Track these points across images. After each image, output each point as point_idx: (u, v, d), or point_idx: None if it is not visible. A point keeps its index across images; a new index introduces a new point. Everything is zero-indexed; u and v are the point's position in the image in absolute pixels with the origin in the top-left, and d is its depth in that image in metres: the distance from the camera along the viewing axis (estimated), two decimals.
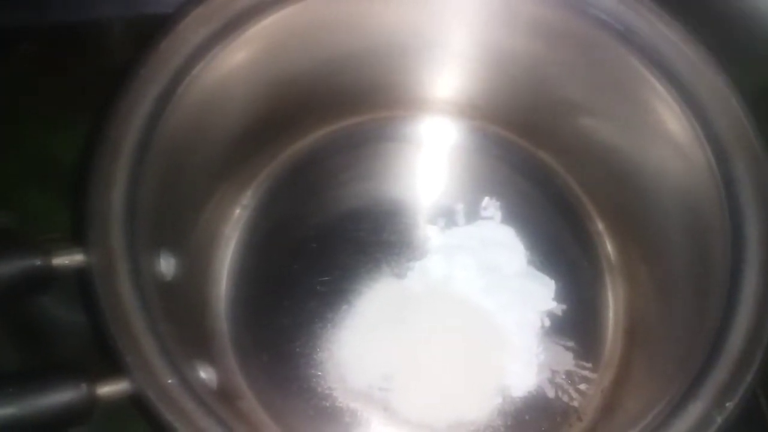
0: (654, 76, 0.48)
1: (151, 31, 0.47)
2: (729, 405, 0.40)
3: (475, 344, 0.53)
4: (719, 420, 0.40)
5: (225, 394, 0.49)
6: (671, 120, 0.48)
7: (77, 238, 0.42)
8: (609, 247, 0.57)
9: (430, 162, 0.60)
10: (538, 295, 0.55)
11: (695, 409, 0.40)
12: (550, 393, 0.52)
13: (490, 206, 0.58)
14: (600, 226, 0.58)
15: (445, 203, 0.58)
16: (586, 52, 0.51)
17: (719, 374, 0.41)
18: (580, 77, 0.53)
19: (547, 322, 0.54)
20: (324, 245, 0.56)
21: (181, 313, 0.48)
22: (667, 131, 0.49)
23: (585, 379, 0.53)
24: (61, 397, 0.38)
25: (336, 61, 0.54)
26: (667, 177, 0.51)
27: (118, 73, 0.46)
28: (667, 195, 0.51)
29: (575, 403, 0.52)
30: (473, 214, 0.57)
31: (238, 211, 0.56)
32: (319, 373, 0.52)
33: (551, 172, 0.59)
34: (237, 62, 0.49)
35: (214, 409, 0.39)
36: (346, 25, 0.53)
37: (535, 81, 0.55)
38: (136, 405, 0.39)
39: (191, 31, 0.47)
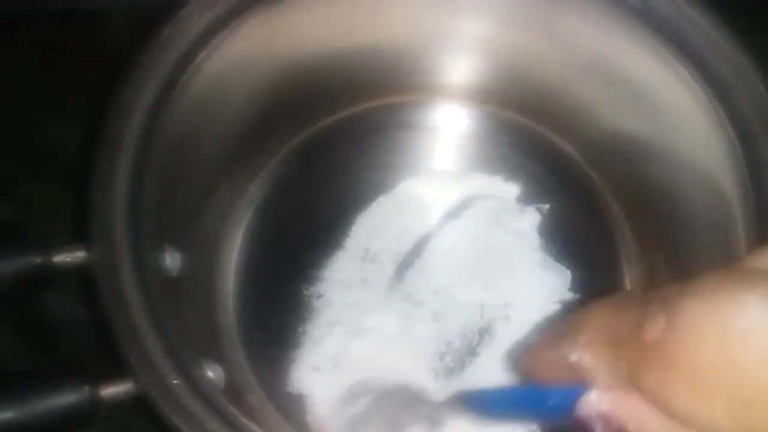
0: (675, 56, 0.47)
1: (152, 19, 0.45)
2: None
3: (488, 335, 0.52)
4: None
5: (233, 389, 0.48)
6: (693, 102, 0.47)
7: (79, 234, 0.40)
8: (626, 235, 0.56)
9: (443, 148, 0.59)
10: (554, 285, 0.54)
11: None
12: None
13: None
14: (617, 214, 0.56)
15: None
16: (605, 33, 0.49)
17: None
18: (598, 59, 0.51)
19: (563, 313, 0.53)
20: (335, 236, 0.55)
21: (188, 309, 0.47)
22: (689, 114, 0.47)
23: None
24: (63, 399, 0.37)
25: (344, 46, 0.53)
26: (687, 162, 0.49)
27: (119, 61, 0.44)
28: (688, 182, 0.50)
29: None
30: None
31: (245, 202, 0.55)
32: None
33: (567, 159, 0.57)
34: (242, 49, 0.48)
35: (222, 410, 0.38)
36: (354, 8, 0.51)
37: (550, 64, 0.53)
38: (141, 406, 0.38)
39: (194, 17, 0.45)
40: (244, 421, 0.39)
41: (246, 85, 0.50)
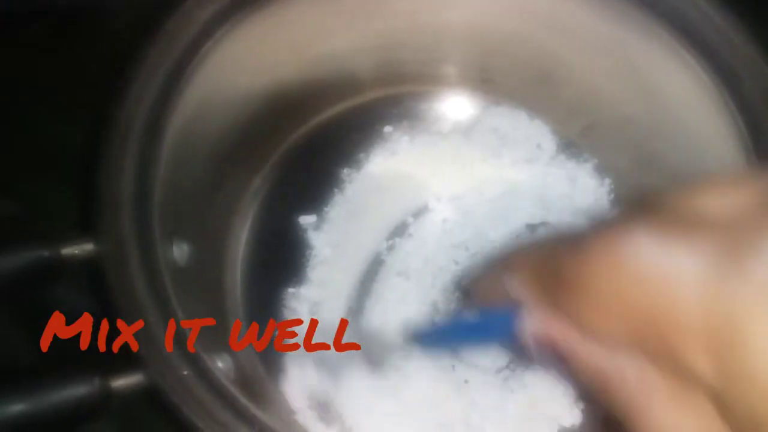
0: (683, 45, 0.46)
1: (156, 13, 0.45)
2: None
3: None
4: None
5: (243, 380, 0.48)
6: (701, 92, 0.46)
7: (86, 226, 0.40)
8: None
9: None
10: None
11: None
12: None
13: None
14: (619, 207, 0.55)
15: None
16: (608, 20, 0.49)
17: None
18: (601, 48, 0.51)
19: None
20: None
21: (197, 299, 0.47)
22: (696, 104, 0.47)
23: None
24: (73, 391, 0.37)
25: (348, 37, 0.53)
26: (695, 154, 0.49)
27: (123, 56, 0.44)
28: (691, 172, 0.49)
29: None
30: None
31: (252, 193, 0.55)
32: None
33: (571, 149, 0.56)
34: (245, 41, 0.48)
35: (232, 400, 0.38)
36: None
37: (552, 53, 0.53)
38: (152, 398, 0.38)
39: (199, 7, 0.45)
40: (255, 411, 0.39)
41: (249, 77, 0.50)
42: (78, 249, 0.40)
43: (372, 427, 0.49)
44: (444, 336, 0.43)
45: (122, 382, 0.38)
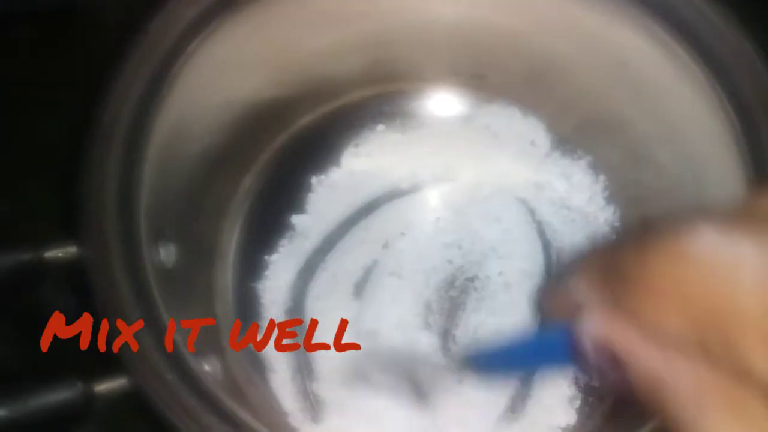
0: (674, 38, 0.46)
1: (144, 13, 0.45)
2: None
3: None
4: None
5: (233, 383, 0.48)
6: (694, 88, 0.46)
7: (70, 229, 0.40)
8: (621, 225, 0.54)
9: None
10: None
11: None
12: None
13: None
14: (614, 204, 0.55)
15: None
16: (601, 16, 0.48)
17: None
18: (594, 45, 0.50)
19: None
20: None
21: (186, 301, 0.46)
22: (690, 100, 0.46)
23: None
24: (56, 396, 0.37)
25: (337, 36, 0.52)
26: (688, 151, 0.48)
27: (111, 57, 0.44)
28: (686, 168, 0.49)
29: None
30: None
31: (241, 194, 0.54)
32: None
33: (565, 146, 0.56)
34: (234, 39, 0.47)
35: (218, 404, 0.38)
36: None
37: (545, 49, 0.52)
38: (136, 402, 0.37)
39: (183, 7, 0.45)
40: (242, 415, 0.39)
41: (237, 77, 0.50)
42: (62, 252, 0.40)
43: (365, 427, 0.49)
44: (501, 359, 0.40)
45: (105, 386, 0.38)
